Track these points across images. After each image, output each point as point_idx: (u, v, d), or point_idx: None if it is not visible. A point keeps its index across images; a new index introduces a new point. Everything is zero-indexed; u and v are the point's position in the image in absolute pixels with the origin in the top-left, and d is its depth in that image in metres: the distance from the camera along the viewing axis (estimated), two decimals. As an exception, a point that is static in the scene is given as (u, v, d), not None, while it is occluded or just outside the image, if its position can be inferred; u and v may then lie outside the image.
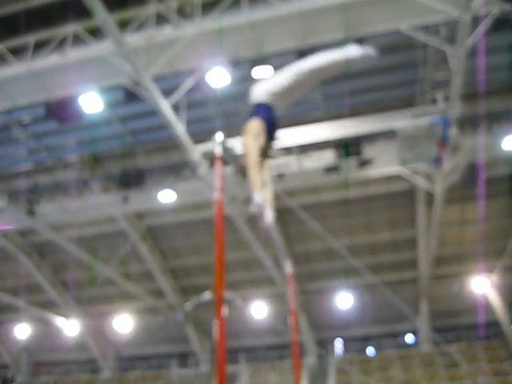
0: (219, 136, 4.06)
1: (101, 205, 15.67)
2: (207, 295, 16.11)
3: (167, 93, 11.26)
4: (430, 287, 19.07)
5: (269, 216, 3.91)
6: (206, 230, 17.25)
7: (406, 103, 13.60)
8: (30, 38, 11.77)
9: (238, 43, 10.66)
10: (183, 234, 18.95)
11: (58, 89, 11.73)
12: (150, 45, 10.54)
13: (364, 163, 13.43)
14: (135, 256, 19.06)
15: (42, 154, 16.56)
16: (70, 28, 11.43)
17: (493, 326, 18.59)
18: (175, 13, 10.96)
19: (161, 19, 11.01)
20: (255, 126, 4.14)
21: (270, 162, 4.64)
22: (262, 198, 3.86)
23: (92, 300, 20.79)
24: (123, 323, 21.67)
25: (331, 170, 13.60)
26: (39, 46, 11.65)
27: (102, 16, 8.81)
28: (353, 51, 4.25)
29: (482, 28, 9.50)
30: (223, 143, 4.06)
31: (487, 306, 18.07)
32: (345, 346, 21.50)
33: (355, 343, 21.13)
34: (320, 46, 11.33)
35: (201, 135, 12.77)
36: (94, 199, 15.60)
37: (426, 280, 18.63)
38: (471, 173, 13.22)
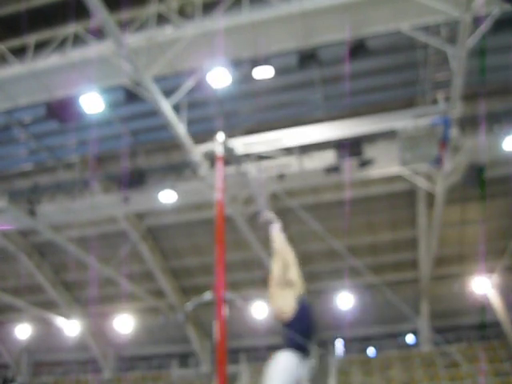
0: (220, 136, 4.07)
1: (101, 205, 15.66)
2: (208, 295, 16.07)
3: (168, 93, 11.25)
4: (430, 287, 19.05)
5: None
6: (206, 230, 17.23)
7: (407, 103, 13.58)
8: (31, 38, 11.78)
9: (239, 43, 10.65)
10: (184, 234, 18.94)
11: (59, 89, 11.74)
12: (151, 45, 10.54)
13: (365, 163, 13.42)
14: (136, 256, 19.04)
15: (43, 154, 16.55)
16: (71, 28, 11.43)
17: (493, 326, 18.59)
18: (176, 13, 10.96)
19: (161, 19, 11.00)
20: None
21: (271, 162, 4.76)
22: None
23: (92, 300, 20.76)
24: (124, 323, 21.67)
25: (332, 170, 13.60)
26: (40, 46, 11.65)
27: (103, 16, 8.81)
28: None
29: (483, 28, 9.50)
30: (224, 143, 4.07)
31: (488, 307, 18.07)
32: (345, 346, 21.48)
33: (356, 343, 21.10)
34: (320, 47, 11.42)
35: (202, 135, 12.76)
36: (94, 199, 15.60)
37: (427, 280, 18.61)
38: (472, 173, 13.21)
